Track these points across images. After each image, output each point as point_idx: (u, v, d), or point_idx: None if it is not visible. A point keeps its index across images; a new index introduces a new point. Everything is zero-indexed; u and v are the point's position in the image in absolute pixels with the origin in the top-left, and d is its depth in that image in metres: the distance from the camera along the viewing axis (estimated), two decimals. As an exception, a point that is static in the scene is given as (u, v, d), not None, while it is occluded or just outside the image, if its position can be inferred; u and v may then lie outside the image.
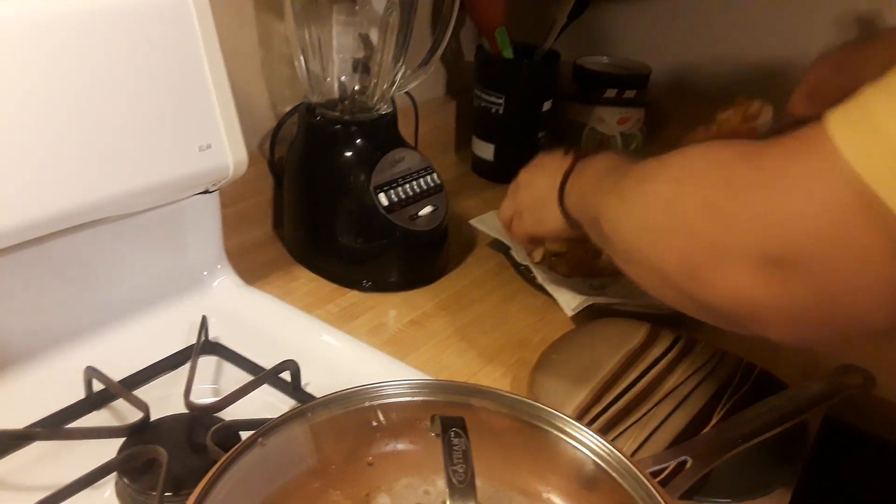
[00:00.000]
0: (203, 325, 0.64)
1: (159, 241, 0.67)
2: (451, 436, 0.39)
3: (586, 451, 0.44)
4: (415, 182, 0.79)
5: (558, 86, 1.09)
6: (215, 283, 0.73)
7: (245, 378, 0.59)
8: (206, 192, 0.68)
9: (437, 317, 0.76)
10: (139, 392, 0.57)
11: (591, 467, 0.44)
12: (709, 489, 0.53)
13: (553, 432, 0.45)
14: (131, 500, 0.49)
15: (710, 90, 1.14)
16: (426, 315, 0.76)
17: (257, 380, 0.57)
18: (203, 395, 0.58)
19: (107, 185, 0.57)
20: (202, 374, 0.60)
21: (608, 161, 0.55)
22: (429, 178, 0.80)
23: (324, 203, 0.79)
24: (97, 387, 0.57)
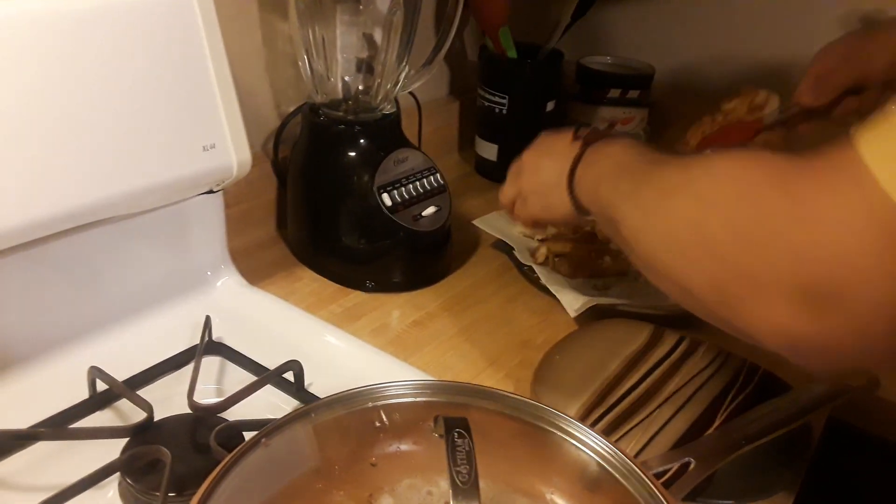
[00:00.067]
0: (207, 325, 0.64)
1: (163, 241, 0.67)
2: (454, 436, 0.39)
3: (589, 453, 0.44)
4: (418, 182, 0.79)
5: (562, 86, 1.09)
6: (219, 283, 0.73)
7: (248, 378, 0.59)
8: (210, 192, 0.69)
9: (441, 317, 0.76)
10: (143, 392, 0.57)
11: (595, 468, 0.44)
12: (712, 491, 0.53)
13: (556, 433, 0.45)
14: (135, 500, 0.49)
15: (715, 90, 1.13)
16: (429, 316, 0.76)
17: (261, 380, 0.57)
18: (206, 396, 0.58)
19: (110, 185, 0.57)
20: (206, 374, 0.60)
21: (624, 152, 0.53)
22: (432, 178, 0.80)
23: (327, 203, 0.79)
24: (101, 387, 0.57)
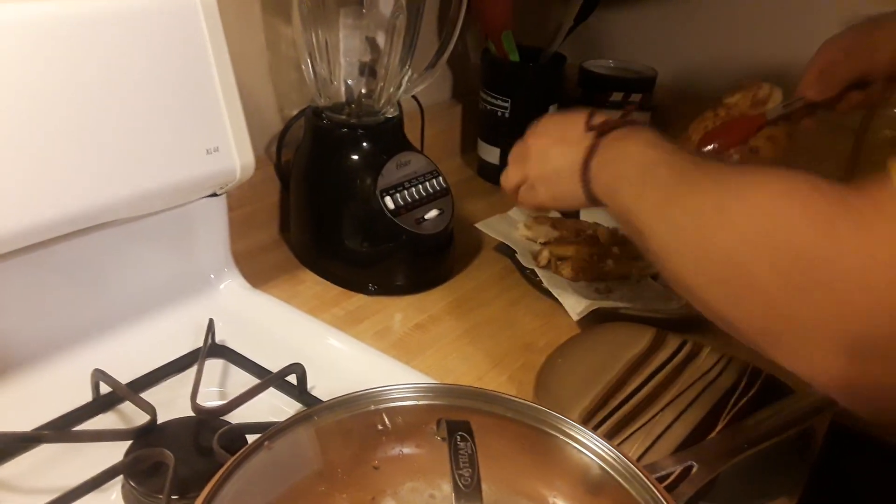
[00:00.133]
0: (210, 327, 0.64)
1: (166, 244, 0.68)
2: (457, 440, 0.39)
3: (592, 456, 0.44)
4: (421, 185, 0.79)
5: (564, 89, 1.09)
6: (222, 286, 0.73)
7: (251, 381, 0.60)
8: (214, 195, 0.69)
9: (443, 320, 0.76)
10: (146, 395, 0.57)
11: (597, 472, 0.44)
12: (715, 494, 0.53)
13: (559, 437, 0.45)
14: (138, 502, 0.49)
15: (717, 93, 1.13)
16: (432, 319, 0.76)
17: (263, 383, 0.57)
18: (209, 398, 0.58)
19: (114, 189, 0.57)
20: (209, 377, 0.60)
21: (642, 153, 0.51)
22: (435, 181, 0.80)
23: (330, 206, 0.79)
24: (104, 389, 0.57)
